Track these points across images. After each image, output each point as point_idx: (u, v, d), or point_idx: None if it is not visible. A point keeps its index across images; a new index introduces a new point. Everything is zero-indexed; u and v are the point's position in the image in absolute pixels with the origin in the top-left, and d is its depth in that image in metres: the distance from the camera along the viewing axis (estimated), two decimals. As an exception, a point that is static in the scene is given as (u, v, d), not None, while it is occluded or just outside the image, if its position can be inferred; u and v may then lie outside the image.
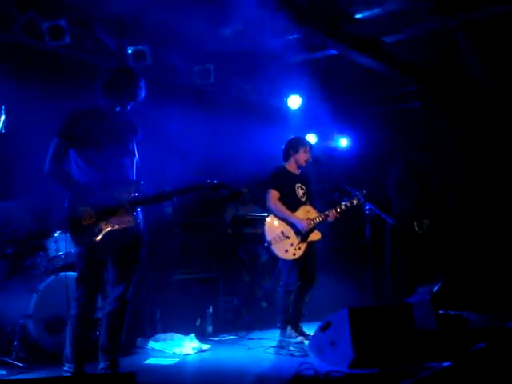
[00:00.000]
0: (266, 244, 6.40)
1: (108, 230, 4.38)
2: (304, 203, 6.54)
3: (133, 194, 4.55)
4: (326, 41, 7.33)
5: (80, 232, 4.39)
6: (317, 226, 6.47)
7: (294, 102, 9.16)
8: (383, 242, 7.29)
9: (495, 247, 8.18)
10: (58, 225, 6.08)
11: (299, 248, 6.34)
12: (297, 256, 6.33)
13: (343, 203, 6.51)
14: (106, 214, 4.39)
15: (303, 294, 6.50)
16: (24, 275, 6.06)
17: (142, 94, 4.66)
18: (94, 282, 4.52)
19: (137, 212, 4.61)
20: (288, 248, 6.31)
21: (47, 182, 4.69)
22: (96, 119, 4.56)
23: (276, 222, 6.38)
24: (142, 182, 4.67)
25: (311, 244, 6.46)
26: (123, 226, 4.45)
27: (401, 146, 8.15)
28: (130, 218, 4.48)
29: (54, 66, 6.93)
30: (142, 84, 4.65)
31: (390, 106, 9.64)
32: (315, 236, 6.49)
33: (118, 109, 4.62)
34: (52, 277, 5.76)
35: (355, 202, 6.48)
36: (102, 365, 4.56)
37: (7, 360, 5.21)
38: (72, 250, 4.98)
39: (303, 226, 6.34)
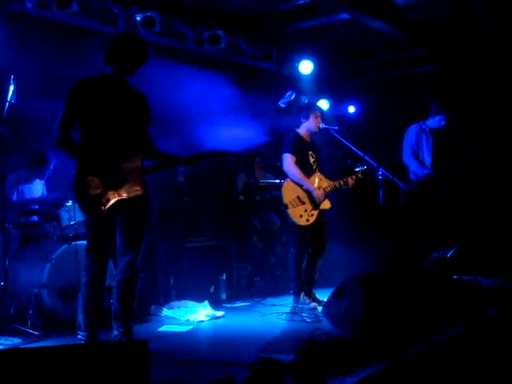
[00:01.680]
0: (282, 208, 6.40)
1: (116, 199, 4.37)
2: (315, 171, 6.52)
3: (141, 163, 4.53)
4: (337, 4, 7.20)
5: (88, 201, 4.38)
6: (328, 195, 6.46)
7: (306, 67, 9.07)
8: (396, 208, 7.26)
9: (509, 212, 8.14)
10: (69, 194, 6.10)
11: (312, 215, 6.34)
12: (310, 222, 6.33)
13: (358, 169, 6.48)
14: (114, 184, 4.38)
15: (315, 261, 6.51)
16: (37, 245, 6.12)
17: (147, 59, 4.60)
18: (103, 251, 4.52)
19: (144, 181, 4.59)
20: (302, 213, 6.31)
21: (57, 150, 4.69)
22: (102, 88, 4.51)
23: (293, 187, 6.37)
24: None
25: (322, 212, 6.45)
26: (131, 195, 4.44)
27: (413, 110, 8.04)
28: (137, 187, 4.46)
29: (62, 35, 6.87)
30: (147, 49, 4.60)
31: (401, 71, 9.53)
32: (326, 205, 6.48)
33: (124, 76, 4.57)
34: (65, 246, 5.80)
35: (368, 168, 6.44)
36: (115, 332, 4.59)
37: (22, 328, 5.27)
38: (82, 219, 4.99)
39: (318, 194, 6.33)
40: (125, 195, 4.41)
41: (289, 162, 6.38)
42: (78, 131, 4.47)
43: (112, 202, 4.36)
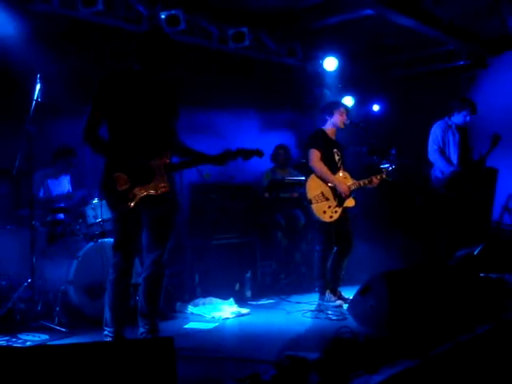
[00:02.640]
0: (305, 203, 6.38)
1: (143, 195, 4.38)
2: (339, 169, 6.48)
3: (168, 160, 4.53)
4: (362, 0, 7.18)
5: (115, 198, 4.40)
6: (353, 193, 6.43)
7: (330, 63, 9.05)
8: (421, 205, 7.21)
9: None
10: (95, 191, 6.15)
11: (335, 211, 6.31)
12: (333, 219, 6.29)
13: (384, 167, 6.45)
14: (142, 180, 4.40)
15: (341, 259, 6.47)
16: (64, 242, 6.18)
17: (173, 56, 4.59)
18: (130, 248, 4.53)
19: (172, 177, 4.60)
20: (326, 209, 6.28)
21: (85, 148, 4.72)
22: (129, 85, 4.50)
23: (317, 182, 6.34)
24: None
25: (346, 210, 6.42)
26: (158, 192, 4.45)
27: (438, 107, 7.97)
28: (164, 184, 4.46)
29: (89, 34, 6.93)
30: (172, 45, 4.59)
31: (426, 67, 9.46)
32: (350, 202, 6.44)
33: (152, 73, 4.57)
34: (91, 243, 5.84)
35: (393, 168, 6.41)
36: (141, 329, 4.61)
37: (49, 325, 5.32)
38: (109, 216, 5.02)
39: (344, 190, 6.30)
40: (152, 191, 4.41)
41: (314, 157, 6.36)
42: (106, 128, 4.48)
43: (139, 197, 4.37)
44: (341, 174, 6.45)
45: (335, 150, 6.51)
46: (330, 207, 6.31)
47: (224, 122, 8.34)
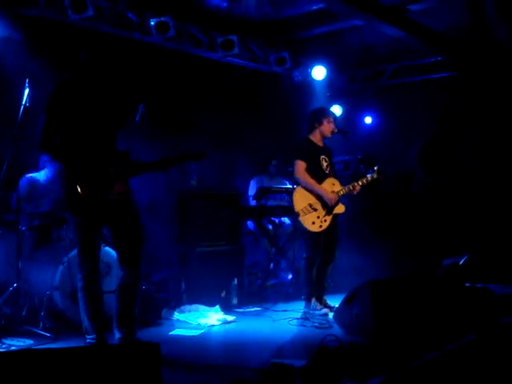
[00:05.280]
0: (293, 216, 6.38)
1: (103, 201, 4.41)
2: (328, 175, 6.49)
3: (123, 165, 4.55)
4: (350, 10, 7.20)
5: (79, 205, 4.39)
6: (341, 199, 6.44)
7: (319, 73, 9.09)
8: (406, 214, 7.25)
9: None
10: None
11: (325, 220, 6.32)
12: (323, 228, 6.31)
13: (368, 176, 6.46)
14: (100, 186, 4.40)
15: (325, 267, 6.48)
16: (50, 247, 6.14)
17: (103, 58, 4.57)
18: (96, 254, 4.55)
19: (129, 183, 4.62)
20: (315, 220, 6.29)
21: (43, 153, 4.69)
22: (83, 90, 4.50)
23: (304, 194, 6.34)
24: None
25: (335, 217, 6.44)
26: (118, 197, 4.47)
27: (426, 117, 8.03)
28: (123, 189, 4.50)
29: (76, 39, 6.93)
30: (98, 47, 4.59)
31: (415, 78, 9.51)
32: (340, 209, 6.45)
33: (102, 78, 4.57)
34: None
35: (378, 175, 6.43)
36: (117, 335, 4.60)
37: (34, 330, 5.29)
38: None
39: (330, 198, 6.31)
40: (112, 197, 4.45)
41: (299, 168, 6.36)
42: (61, 135, 4.47)
43: (100, 203, 4.39)
44: (329, 181, 6.44)
45: (323, 157, 6.51)
46: (318, 217, 6.30)
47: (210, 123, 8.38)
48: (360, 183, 6.41)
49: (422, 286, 5.49)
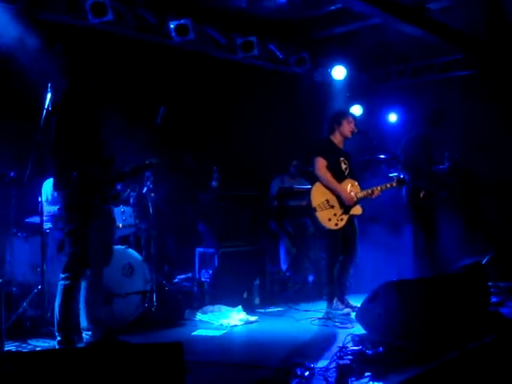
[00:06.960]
0: (310, 210, 6.39)
1: (99, 208, 4.68)
2: (346, 177, 6.48)
3: (110, 171, 4.76)
4: (368, 9, 7.19)
5: (83, 212, 4.60)
6: (359, 201, 6.43)
7: (339, 72, 9.08)
8: (430, 214, 7.20)
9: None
10: None
11: (341, 219, 6.32)
12: (339, 226, 6.30)
13: (392, 175, 6.48)
14: (94, 192, 4.62)
15: (346, 267, 6.47)
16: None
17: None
18: (88, 258, 4.70)
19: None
20: (331, 217, 6.30)
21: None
22: (74, 96, 4.75)
23: (322, 190, 6.35)
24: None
25: (352, 217, 6.44)
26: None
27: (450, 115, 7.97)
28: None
29: (97, 43, 6.99)
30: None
31: (434, 76, 9.46)
32: (357, 210, 6.45)
33: (86, 84, 4.75)
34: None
35: (397, 184, 6.43)
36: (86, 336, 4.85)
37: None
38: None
39: (348, 198, 6.31)
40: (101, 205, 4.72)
41: (319, 165, 6.38)
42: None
43: (96, 209, 4.67)
44: (348, 183, 6.45)
45: (342, 159, 6.52)
46: (335, 215, 6.31)
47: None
48: (379, 189, 6.41)
49: (444, 285, 5.46)
